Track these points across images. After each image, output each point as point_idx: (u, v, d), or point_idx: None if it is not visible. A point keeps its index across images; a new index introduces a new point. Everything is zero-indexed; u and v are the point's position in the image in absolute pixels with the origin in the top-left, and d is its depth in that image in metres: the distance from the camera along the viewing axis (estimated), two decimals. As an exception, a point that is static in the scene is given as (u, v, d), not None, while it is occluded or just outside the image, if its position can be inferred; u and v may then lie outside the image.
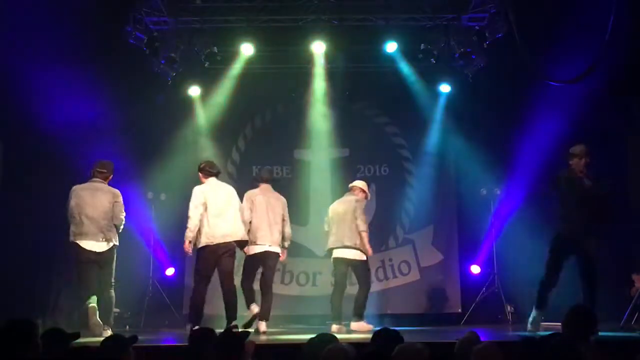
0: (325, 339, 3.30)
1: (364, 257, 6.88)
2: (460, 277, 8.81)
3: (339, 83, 8.99)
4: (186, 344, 3.69)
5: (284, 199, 7.02)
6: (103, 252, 6.19)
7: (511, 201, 8.57)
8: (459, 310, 8.61)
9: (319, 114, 9.05)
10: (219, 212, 6.32)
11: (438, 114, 9.04)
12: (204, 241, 6.24)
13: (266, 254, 6.75)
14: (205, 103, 8.92)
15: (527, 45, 5.91)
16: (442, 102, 9.00)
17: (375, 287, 8.82)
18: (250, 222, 6.68)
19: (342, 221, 6.85)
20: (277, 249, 6.83)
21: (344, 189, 8.87)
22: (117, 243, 6.31)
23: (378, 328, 3.62)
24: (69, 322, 7.81)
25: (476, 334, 3.71)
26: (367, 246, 6.85)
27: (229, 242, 6.34)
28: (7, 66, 7.22)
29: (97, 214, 6.21)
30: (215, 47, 8.47)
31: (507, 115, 8.38)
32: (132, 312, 8.32)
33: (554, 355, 2.85)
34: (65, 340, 3.43)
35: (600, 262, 7.87)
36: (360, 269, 6.90)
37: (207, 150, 9.02)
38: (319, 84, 8.91)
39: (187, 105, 8.90)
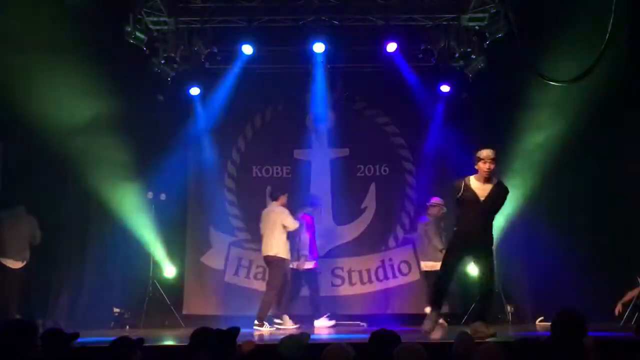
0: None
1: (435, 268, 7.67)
2: (460, 277, 8.79)
3: (339, 83, 8.99)
4: (186, 344, 3.70)
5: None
6: (22, 267, 7.45)
7: (511, 201, 8.56)
8: (459, 310, 8.60)
9: (319, 114, 9.05)
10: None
11: (438, 114, 9.03)
12: None
13: None
14: (205, 103, 8.92)
15: (527, 45, 5.92)
16: (442, 102, 8.99)
17: (375, 287, 8.86)
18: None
19: (420, 237, 8.29)
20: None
21: (344, 189, 8.92)
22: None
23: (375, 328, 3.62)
24: (69, 322, 7.84)
25: (470, 334, 3.73)
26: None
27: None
28: (7, 66, 7.23)
29: (21, 237, 7.44)
30: (215, 47, 8.48)
31: (507, 116, 8.37)
32: (132, 312, 8.33)
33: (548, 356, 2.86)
34: (65, 340, 3.44)
35: (600, 262, 7.93)
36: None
37: (207, 150, 9.04)
38: (319, 84, 8.91)
39: (187, 105, 8.89)
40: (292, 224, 7.67)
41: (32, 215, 7.63)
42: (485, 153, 5.88)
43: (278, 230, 7.63)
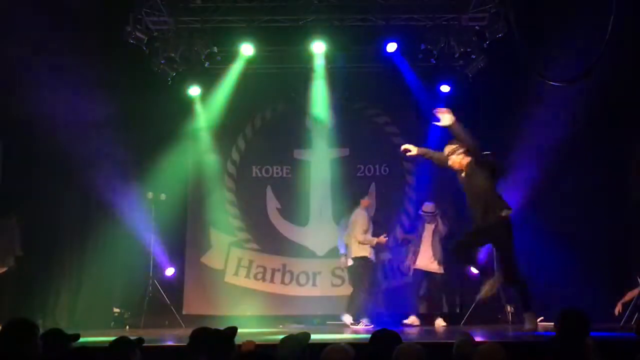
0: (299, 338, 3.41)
1: (441, 271, 8.12)
2: (460, 277, 8.79)
3: (339, 83, 8.99)
4: (185, 344, 3.70)
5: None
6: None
7: (510, 201, 8.54)
8: (459, 310, 8.61)
9: (319, 114, 9.05)
10: None
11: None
12: None
13: None
14: (205, 103, 8.91)
15: (527, 45, 5.92)
16: (442, 102, 8.97)
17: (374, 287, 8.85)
18: None
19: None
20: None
21: (344, 188, 8.92)
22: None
23: (377, 328, 3.62)
24: (69, 322, 7.85)
25: (470, 335, 3.72)
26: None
27: None
28: (8, 66, 7.23)
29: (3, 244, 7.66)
30: (215, 47, 8.48)
31: (507, 116, 8.37)
32: (132, 312, 8.32)
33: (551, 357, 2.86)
34: (65, 340, 3.44)
35: (600, 261, 7.93)
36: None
37: (207, 150, 9.03)
38: (319, 84, 8.91)
39: (187, 105, 8.89)
40: (363, 226, 7.91)
41: (17, 229, 7.82)
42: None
43: (355, 233, 7.86)
